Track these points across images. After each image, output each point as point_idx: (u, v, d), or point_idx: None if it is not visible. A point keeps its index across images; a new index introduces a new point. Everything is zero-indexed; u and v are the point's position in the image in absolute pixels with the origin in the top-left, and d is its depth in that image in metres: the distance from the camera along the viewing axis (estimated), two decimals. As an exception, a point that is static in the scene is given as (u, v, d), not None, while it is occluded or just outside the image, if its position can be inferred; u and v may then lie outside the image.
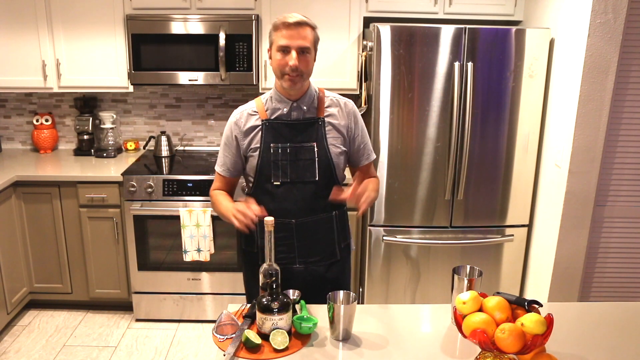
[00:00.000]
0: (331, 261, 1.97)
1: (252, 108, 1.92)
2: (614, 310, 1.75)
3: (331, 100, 1.93)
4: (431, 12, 3.12)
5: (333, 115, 1.91)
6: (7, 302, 3.08)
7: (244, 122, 1.90)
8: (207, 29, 3.09)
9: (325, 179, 1.88)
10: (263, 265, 1.57)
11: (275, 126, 1.87)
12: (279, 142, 1.86)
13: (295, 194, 1.87)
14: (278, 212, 1.83)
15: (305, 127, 1.88)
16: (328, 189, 1.85)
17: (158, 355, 2.97)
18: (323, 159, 1.87)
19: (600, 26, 2.45)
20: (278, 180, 1.86)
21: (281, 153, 1.85)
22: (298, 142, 1.86)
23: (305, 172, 1.86)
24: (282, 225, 1.87)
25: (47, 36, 3.18)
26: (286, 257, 1.91)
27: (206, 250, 3.07)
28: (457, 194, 2.94)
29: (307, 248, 1.93)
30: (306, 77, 1.83)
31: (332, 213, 1.94)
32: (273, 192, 1.88)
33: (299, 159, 1.86)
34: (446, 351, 1.51)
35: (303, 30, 1.76)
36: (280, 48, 1.76)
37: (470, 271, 1.63)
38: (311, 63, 1.82)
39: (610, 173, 2.67)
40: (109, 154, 3.50)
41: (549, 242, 2.82)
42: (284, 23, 1.75)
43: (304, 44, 1.76)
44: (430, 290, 3.11)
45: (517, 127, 2.88)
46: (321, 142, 1.87)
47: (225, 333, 1.57)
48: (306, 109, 1.88)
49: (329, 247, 1.96)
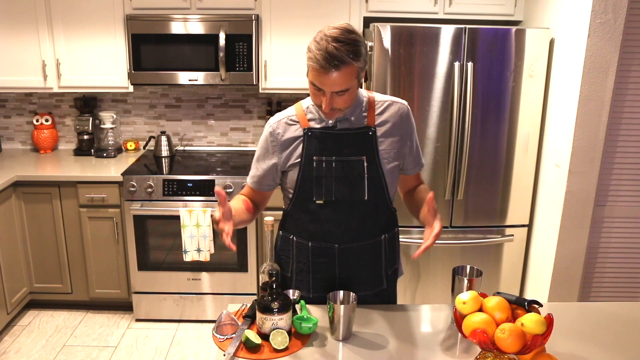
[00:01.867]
0: (376, 290, 1.77)
1: (291, 116, 1.68)
2: (614, 310, 1.75)
3: (383, 105, 1.68)
4: (431, 12, 3.12)
5: (386, 122, 1.66)
6: (7, 302, 3.08)
7: (282, 132, 1.66)
8: (207, 29, 3.09)
9: (375, 198, 1.66)
10: (263, 265, 1.57)
11: (319, 136, 1.63)
12: (323, 155, 1.62)
13: (341, 215, 1.65)
14: (319, 234, 1.66)
15: (353, 138, 1.63)
16: (377, 210, 1.68)
17: (158, 355, 2.97)
18: (374, 175, 1.64)
19: (600, 26, 2.45)
20: (321, 198, 1.63)
21: (325, 167, 1.62)
22: (345, 155, 1.63)
23: (352, 191, 1.64)
24: (323, 249, 1.67)
25: (47, 36, 3.18)
26: (325, 286, 1.71)
27: (206, 250, 3.07)
28: (457, 194, 2.94)
29: (350, 276, 1.72)
30: (345, 109, 1.58)
31: (380, 237, 1.72)
32: (315, 211, 1.66)
33: (346, 175, 1.63)
34: (446, 351, 1.51)
35: (338, 75, 1.46)
36: (312, 83, 1.52)
37: (470, 271, 1.63)
38: (351, 98, 1.55)
39: (610, 173, 2.67)
40: (109, 154, 3.50)
41: (549, 242, 2.82)
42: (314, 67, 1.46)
43: (339, 89, 1.49)
44: (430, 290, 3.11)
45: (517, 127, 2.88)
46: (372, 155, 1.63)
47: (225, 333, 1.57)
48: (354, 119, 1.64)
49: (375, 276, 1.76)
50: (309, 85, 1.54)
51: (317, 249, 1.67)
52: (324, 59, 1.43)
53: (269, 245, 1.57)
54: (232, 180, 3.08)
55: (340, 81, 1.47)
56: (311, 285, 1.74)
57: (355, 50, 1.46)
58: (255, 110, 3.64)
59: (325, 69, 1.45)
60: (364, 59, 1.50)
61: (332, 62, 1.43)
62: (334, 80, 1.46)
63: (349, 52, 1.44)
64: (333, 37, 1.44)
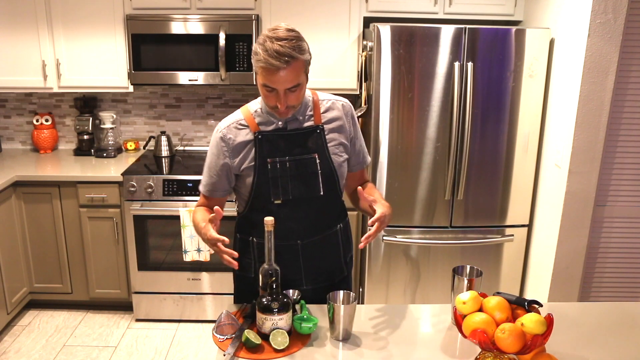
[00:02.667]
0: (339, 278, 1.86)
1: (240, 120, 1.72)
2: (614, 310, 1.75)
3: (327, 103, 1.76)
4: (431, 12, 3.12)
5: (332, 119, 1.75)
6: (7, 302, 3.08)
7: (233, 137, 1.70)
8: (207, 29, 3.09)
9: (328, 192, 1.73)
10: (263, 265, 1.57)
11: (271, 138, 1.68)
12: (276, 156, 1.68)
13: (299, 212, 1.72)
14: (281, 233, 1.66)
15: (304, 137, 1.70)
16: (332, 203, 1.76)
17: (158, 355, 2.97)
18: (326, 170, 1.71)
19: (600, 26, 2.45)
20: (279, 198, 1.69)
21: (280, 168, 1.68)
22: (297, 154, 1.69)
23: (308, 188, 1.70)
24: (286, 247, 1.72)
25: (47, 36, 3.18)
26: (292, 280, 1.77)
27: (206, 250, 3.07)
28: (457, 194, 2.94)
29: (314, 268, 1.80)
30: (297, 106, 1.65)
31: (336, 227, 1.81)
32: (274, 211, 1.68)
33: (300, 173, 1.69)
34: (446, 351, 1.51)
35: (288, 71, 1.52)
36: (264, 85, 1.57)
37: (470, 271, 1.63)
38: (302, 93, 1.63)
39: (610, 173, 2.67)
40: (109, 154, 3.50)
41: (549, 242, 2.82)
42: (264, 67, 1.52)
43: (290, 85, 1.56)
44: (430, 290, 3.11)
45: (517, 127, 2.88)
46: (322, 152, 1.71)
47: (225, 333, 1.57)
48: (302, 118, 1.71)
49: (336, 264, 1.85)
50: (260, 88, 1.60)
51: (281, 247, 1.67)
52: (272, 58, 1.50)
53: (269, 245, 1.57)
54: (232, 180, 3.08)
55: (291, 77, 1.54)
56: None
57: (299, 45, 1.55)
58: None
59: (275, 67, 1.51)
60: (308, 53, 1.60)
61: (281, 59, 1.50)
62: (285, 77, 1.53)
63: (294, 48, 1.53)
64: (276, 37, 1.53)
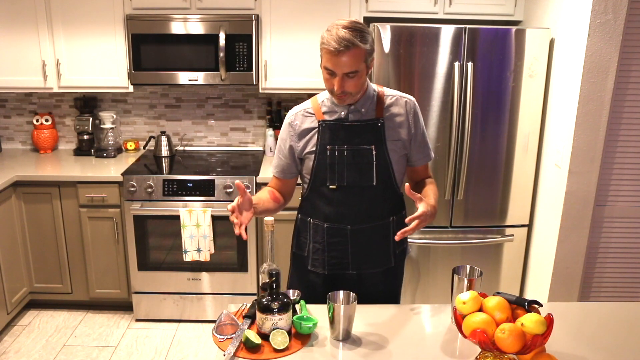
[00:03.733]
0: (385, 268, 1.91)
1: (307, 108, 1.85)
2: (614, 310, 1.75)
3: (391, 99, 1.83)
4: (431, 12, 3.12)
5: (393, 115, 1.81)
6: (7, 302, 3.08)
7: (299, 123, 1.84)
8: (207, 29, 3.09)
9: (383, 183, 1.81)
10: (263, 265, 1.57)
11: (332, 128, 1.79)
12: (335, 144, 1.79)
13: (352, 198, 1.82)
14: (333, 216, 1.82)
15: (363, 129, 1.79)
16: (386, 194, 1.82)
17: (158, 355, 2.97)
18: (381, 162, 1.79)
19: (600, 26, 2.45)
20: (334, 183, 1.80)
21: (338, 155, 1.78)
22: (356, 144, 1.78)
23: (362, 176, 1.80)
24: (337, 230, 1.83)
25: (47, 36, 3.18)
26: (339, 263, 1.87)
27: (206, 250, 3.07)
28: (457, 194, 2.94)
29: (361, 255, 1.87)
30: (356, 94, 1.74)
31: (389, 219, 1.88)
32: (329, 195, 1.82)
33: (356, 162, 1.79)
34: (446, 351, 1.51)
35: (349, 56, 1.63)
36: (325, 68, 1.69)
37: (470, 271, 1.63)
38: (361, 82, 1.71)
39: (610, 173, 2.67)
40: (109, 154, 3.50)
41: (549, 242, 2.82)
42: (328, 50, 1.64)
43: (349, 70, 1.65)
44: (430, 290, 3.11)
45: (517, 127, 2.88)
46: (380, 145, 1.79)
47: (225, 333, 1.57)
48: (364, 111, 1.80)
49: (384, 255, 1.90)
50: (323, 72, 1.71)
51: (332, 229, 1.83)
52: (335, 42, 1.61)
53: (269, 245, 1.57)
54: (232, 180, 3.08)
55: (350, 62, 1.63)
56: (326, 263, 1.88)
57: (362, 35, 1.65)
58: (255, 110, 3.64)
59: (336, 50, 1.61)
60: (371, 45, 1.68)
61: (342, 44, 1.61)
62: (344, 61, 1.63)
63: (356, 36, 1.63)
64: (342, 25, 1.64)
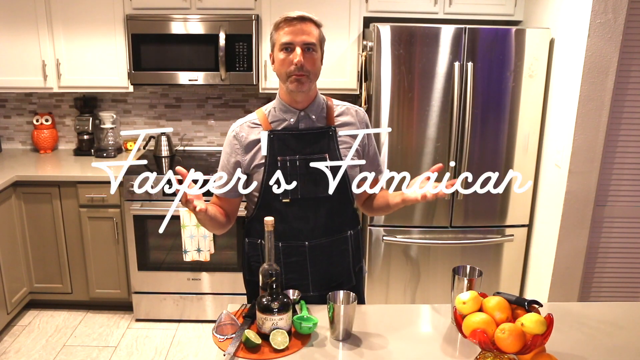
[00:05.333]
0: (347, 288, 1.80)
1: (253, 120, 1.75)
2: (614, 310, 1.75)
3: (341, 108, 1.77)
4: (431, 12, 3.12)
5: (345, 124, 1.74)
6: (7, 302, 3.08)
7: (246, 135, 1.72)
8: (207, 29, 3.09)
9: (339, 194, 1.71)
10: (263, 265, 1.57)
11: (282, 137, 1.68)
12: (286, 155, 1.67)
13: (307, 212, 1.70)
14: (288, 233, 1.69)
15: (315, 137, 1.69)
16: (342, 206, 1.73)
17: (158, 355, 2.97)
18: (336, 171, 1.68)
19: (600, 26, 2.45)
20: (287, 197, 1.67)
21: (290, 166, 1.66)
22: (308, 153, 1.68)
23: (317, 187, 1.68)
24: (293, 248, 1.71)
25: (47, 36, 3.18)
26: (299, 285, 1.74)
27: (206, 250, 3.07)
28: (457, 194, 2.94)
29: (321, 273, 1.77)
30: (313, 78, 1.65)
31: (347, 233, 1.78)
32: (282, 211, 1.68)
33: (309, 173, 1.67)
34: (446, 351, 1.51)
35: (307, 26, 1.61)
36: (283, 46, 1.60)
37: (470, 271, 1.63)
38: (318, 62, 1.65)
39: (610, 173, 2.67)
40: (109, 154, 3.50)
41: (549, 242, 2.82)
42: (286, 19, 1.60)
43: (308, 40, 1.60)
44: (430, 290, 3.11)
45: (517, 127, 2.88)
46: (333, 152, 1.69)
47: (225, 333, 1.57)
48: (315, 118, 1.71)
49: (345, 272, 1.81)
50: (277, 53, 1.64)
51: (288, 248, 1.70)
52: (291, 14, 1.61)
53: (269, 245, 1.57)
54: (232, 180, 3.08)
55: (308, 31, 1.61)
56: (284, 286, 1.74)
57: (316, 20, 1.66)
58: (255, 110, 3.64)
59: (297, 20, 1.60)
60: (322, 35, 1.68)
61: (299, 16, 1.61)
62: (303, 29, 1.60)
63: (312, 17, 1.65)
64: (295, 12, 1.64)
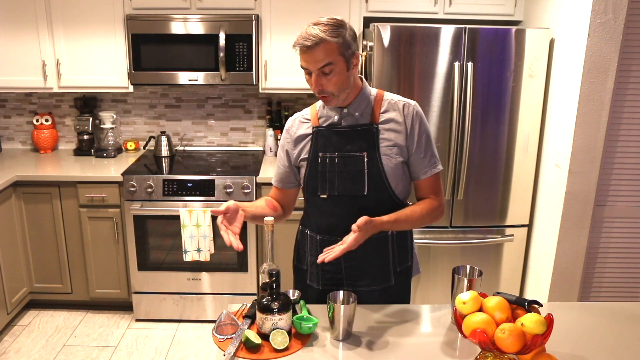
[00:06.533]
0: (383, 286, 1.80)
1: (305, 115, 1.79)
2: (614, 310, 1.75)
3: (389, 103, 1.72)
4: (431, 12, 3.12)
5: (390, 120, 1.70)
6: (7, 302, 3.08)
7: (295, 129, 1.78)
8: (207, 29, 3.09)
9: (376, 193, 1.69)
10: (263, 265, 1.57)
11: (325, 134, 1.71)
12: (327, 152, 1.70)
13: (343, 209, 1.71)
14: (325, 227, 1.75)
15: (356, 135, 1.69)
16: (381, 205, 1.69)
17: (158, 355, 2.97)
18: (374, 170, 1.68)
19: (600, 26, 2.45)
20: (325, 192, 1.72)
21: (329, 163, 1.70)
22: (347, 151, 1.69)
23: (353, 186, 1.69)
24: (329, 243, 1.68)
25: (47, 36, 3.18)
26: (333, 278, 1.78)
27: (206, 250, 3.06)
28: (457, 194, 2.94)
29: (355, 270, 1.77)
30: (339, 93, 1.64)
31: (387, 232, 1.75)
32: (321, 205, 1.75)
33: (347, 171, 1.69)
34: (446, 351, 1.51)
35: (317, 52, 1.56)
36: (303, 69, 1.63)
37: (470, 271, 1.63)
38: (339, 77, 1.61)
39: (610, 173, 2.67)
40: (109, 154, 3.50)
41: (549, 242, 2.82)
42: (300, 46, 1.59)
43: (322, 64, 1.57)
44: (430, 290, 3.11)
45: (517, 127, 2.88)
46: (373, 151, 1.68)
47: (225, 333, 1.57)
48: (359, 115, 1.70)
49: (382, 271, 1.79)
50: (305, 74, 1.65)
51: (324, 241, 1.74)
52: (303, 39, 1.57)
53: (269, 245, 1.57)
54: (232, 181, 3.08)
55: (320, 57, 1.57)
56: (320, 277, 1.81)
57: (333, 30, 1.58)
58: (255, 110, 3.64)
59: (305, 47, 1.57)
60: (344, 38, 1.59)
61: (309, 40, 1.56)
62: (314, 56, 1.57)
63: (326, 31, 1.57)
64: (315, 22, 1.61)
